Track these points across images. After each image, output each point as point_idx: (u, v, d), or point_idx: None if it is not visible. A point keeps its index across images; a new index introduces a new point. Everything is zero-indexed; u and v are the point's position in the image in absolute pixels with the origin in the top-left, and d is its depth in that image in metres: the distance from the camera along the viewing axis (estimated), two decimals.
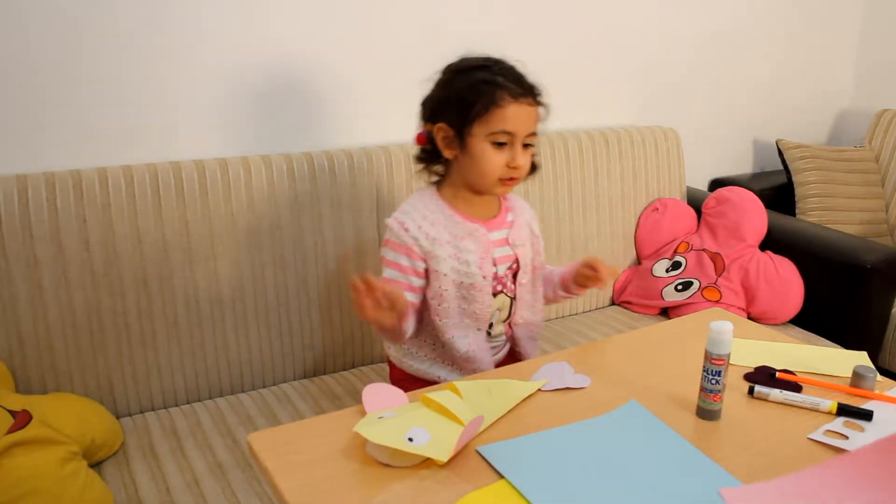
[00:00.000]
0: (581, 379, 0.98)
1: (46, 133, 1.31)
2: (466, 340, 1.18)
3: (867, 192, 2.22)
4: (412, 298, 1.13)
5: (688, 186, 2.10)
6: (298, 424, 0.89)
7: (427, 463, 0.78)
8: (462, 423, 0.81)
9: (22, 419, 1.04)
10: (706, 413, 0.89)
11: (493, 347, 1.24)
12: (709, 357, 0.87)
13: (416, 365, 1.22)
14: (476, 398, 0.89)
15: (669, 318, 1.80)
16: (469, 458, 0.80)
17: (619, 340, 1.16)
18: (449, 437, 0.78)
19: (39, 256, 1.22)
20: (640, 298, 1.87)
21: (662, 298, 1.83)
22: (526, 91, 1.11)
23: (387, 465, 0.78)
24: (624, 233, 1.93)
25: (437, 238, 1.13)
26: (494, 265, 1.18)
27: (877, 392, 0.96)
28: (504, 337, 1.26)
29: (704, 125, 2.25)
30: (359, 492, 0.73)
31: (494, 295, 1.19)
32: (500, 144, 1.10)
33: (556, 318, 1.82)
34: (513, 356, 1.28)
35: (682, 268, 1.85)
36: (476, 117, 1.09)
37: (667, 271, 1.87)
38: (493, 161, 1.10)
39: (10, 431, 1.00)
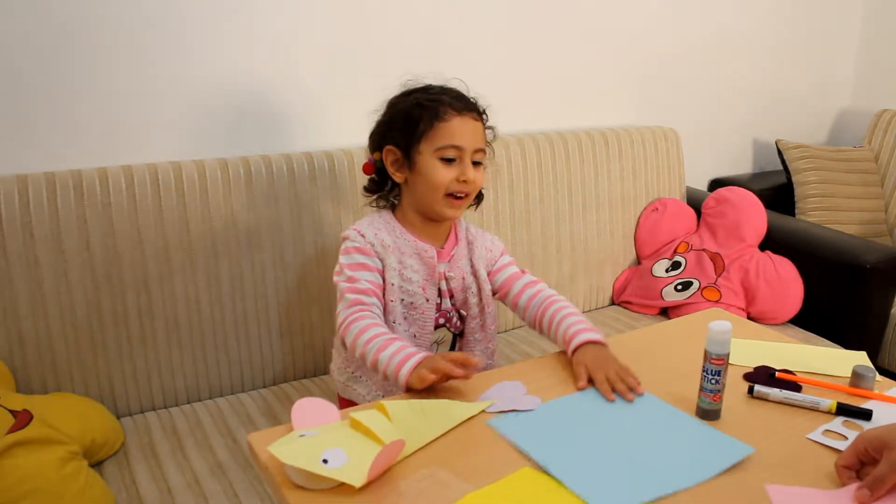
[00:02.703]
0: (531, 400, 0.92)
1: (47, 133, 1.31)
2: None
3: (866, 192, 2.22)
4: (378, 298, 1.11)
5: (687, 186, 2.10)
6: None
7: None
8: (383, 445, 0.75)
9: (23, 419, 1.04)
10: (706, 413, 0.89)
11: None
12: (708, 357, 0.87)
13: (360, 390, 1.18)
14: (407, 419, 0.83)
15: (669, 318, 1.80)
16: (469, 458, 0.81)
17: (619, 340, 1.16)
18: (367, 460, 0.73)
19: (40, 256, 1.22)
20: (639, 298, 1.87)
21: (662, 298, 1.83)
22: (468, 106, 1.11)
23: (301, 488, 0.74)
24: (624, 233, 1.94)
25: (389, 246, 1.13)
26: (440, 295, 1.17)
27: (876, 392, 0.97)
28: None
29: (704, 125, 2.25)
30: (358, 492, 0.73)
31: (436, 327, 1.18)
32: (449, 160, 1.09)
33: None
34: None
35: (682, 268, 1.86)
36: (422, 134, 1.09)
37: (666, 271, 1.87)
38: (442, 176, 1.09)
39: (11, 431, 1.00)
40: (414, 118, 1.10)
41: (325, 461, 0.72)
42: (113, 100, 1.35)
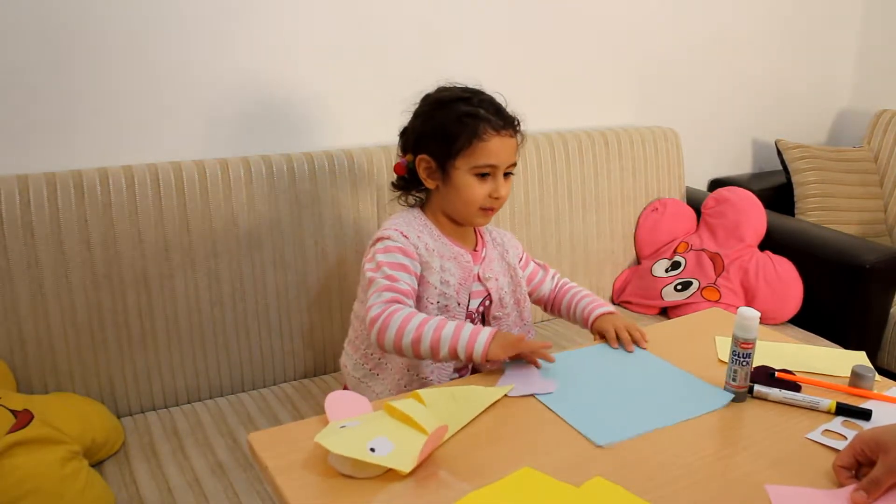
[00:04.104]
0: (548, 384, 0.96)
1: (47, 133, 1.31)
2: (434, 366, 1.15)
3: (866, 192, 2.22)
4: (413, 302, 1.11)
5: (687, 186, 2.10)
6: (298, 424, 0.89)
7: (398, 471, 0.76)
8: (426, 432, 0.79)
9: (23, 419, 1.04)
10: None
11: (451, 379, 1.19)
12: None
13: (376, 388, 1.19)
14: (440, 405, 0.87)
15: (669, 318, 1.80)
16: (469, 458, 0.81)
17: None
18: (412, 447, 0.77)
19: (40, 256, 1.23)
20: (639, 298, 1.87)
21: (662, 298, 1.83)
22: (507, 123, 1.12)
23: (349, 477, 0.76)
24: (623, 233, 1.94)
25: (433, 250, 1.14)
26: (469, 297, 1.18)
27: (875, 392, 0.97)
28: (457, 375, 1.22)
29: (704, 125, 2.25)
30: (359, 491, 0.74)
31: None
32: (484, 175, 1.11)
33: (556, 319, 1.82)
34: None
35: (682, 268, 1.86)
36: (460, 151, 1.10)
37: (666, 271, 1.87)
38: (476, 192, 1.12)
39: (12, 431, 1.00)
40: (452, 134, 1.10)
41: (371, 450, 0.75)
42: (113, 100, 1.35)
